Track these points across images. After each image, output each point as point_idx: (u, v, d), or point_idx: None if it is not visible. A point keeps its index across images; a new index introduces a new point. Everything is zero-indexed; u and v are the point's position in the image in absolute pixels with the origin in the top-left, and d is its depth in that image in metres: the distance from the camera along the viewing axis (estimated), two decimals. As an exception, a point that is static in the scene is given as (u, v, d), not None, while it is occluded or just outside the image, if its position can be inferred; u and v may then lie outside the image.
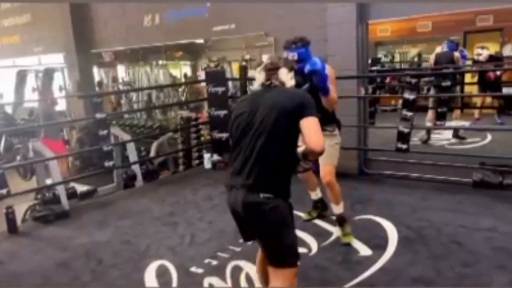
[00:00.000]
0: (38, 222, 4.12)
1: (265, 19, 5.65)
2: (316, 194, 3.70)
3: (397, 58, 11.33)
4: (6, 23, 9.66)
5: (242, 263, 2.98)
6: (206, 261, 3.07)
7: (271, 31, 5.63)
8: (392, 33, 10.05)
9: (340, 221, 3.23)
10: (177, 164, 7.00)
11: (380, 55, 10.86)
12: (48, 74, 8.99)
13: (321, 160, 3.01)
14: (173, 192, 4.80)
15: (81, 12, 8.03)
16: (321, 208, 3.72)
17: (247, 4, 5.81)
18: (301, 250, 3.10)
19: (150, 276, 2.90)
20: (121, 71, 10.77)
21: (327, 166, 3.11)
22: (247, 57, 9.27)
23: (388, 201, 4.06)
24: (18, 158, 5.78)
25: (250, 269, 2.86)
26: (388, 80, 9.95)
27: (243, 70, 7.35)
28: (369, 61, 6.30)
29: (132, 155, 5.37)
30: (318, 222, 3.64)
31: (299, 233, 3.37)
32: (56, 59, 9.98)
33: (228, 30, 6.17)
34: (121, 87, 10.16)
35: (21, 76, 10.23)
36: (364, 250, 3.06)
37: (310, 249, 3.14)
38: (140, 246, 3.38)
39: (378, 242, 3.15)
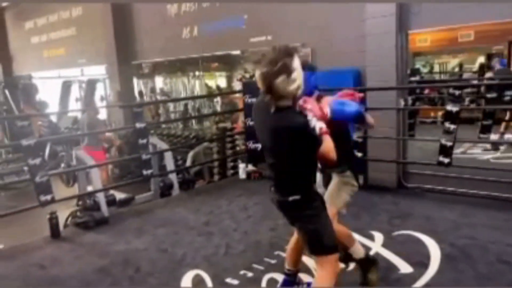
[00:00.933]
0: (79, 228, 4.25)
1: (302, 30, 5.65)
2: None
3: (436, 68, 11.03)
4: (53, 36, 10.15)
5: (278, 276, 2.94)
6: (242, 272, 3.05)
7: (308, 42, 5.62)
8: (432, 43, 9.79)
9: (362, 265, 2.73)
10: (212, 174, 7.08)
11: (418, 65, 10.62)
12: (90, 85, 9.35)
13: (326, 198, 2.56)
14: (209, 202, 4.83)
15: (123, 25, 8.32)
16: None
17: (284, 15, 5.84)
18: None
19: (186, 285, 2.92)
20: (159, 81, 11.08)
21: (330, 208, 2.52)
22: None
23: (429, 217, 3.92)
24: (62, 165, 6.03)
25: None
26: (427, 91, 9.69)
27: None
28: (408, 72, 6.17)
29: (169, 164, 5.46)
30: (355, 235, 3.55)
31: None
32: (98, 71, 10.39)
33: (265, 42, 6.21)
34: (158, 97, 10.44)
35: (66, 87, 10.69)
36: (404, 267, 2.95)
37: (347, 265, 3.06)
38: (176, 255, 3.41)
39: (419, 259, 3.03)
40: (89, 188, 4.94)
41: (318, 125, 1.93)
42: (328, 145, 1.96)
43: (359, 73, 5.04)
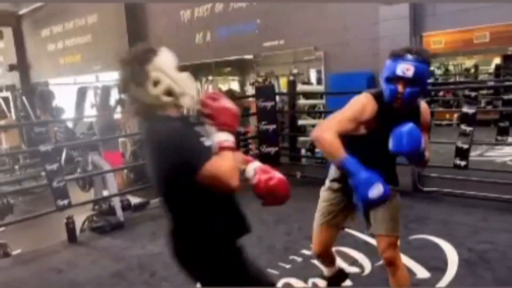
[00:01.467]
0: (95, 233, 4.30)
1: (315, 33, 5.64)
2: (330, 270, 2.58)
3: (451, 70, 10.90)
4: (69, 44, 10.32)
5: (292, 280, 2.93)
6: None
7: (321, 46, 5.61)
8: (446, 45, 9.67)
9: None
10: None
11: (433, 67, 10.51)
12: (105, 91, 9.46)
13: (379, 223, 2.13)
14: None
15: (137, 31, 8.42)
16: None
17: (296, 20, 5.85)
18: (353, 269, 3.01)
19: (201, 290, 2.93)
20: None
21: (388, 237, 2.14)
22: (295, 71, 9.29)
23: (446, 221, 3.86)
24: (78, 170, 6.10)
25: (301, 287, 2.81)
26: (442, 93, 9.58)
27: (292, 84, 7.38)
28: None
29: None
30: (371, 240, 3.51)
31: (351, 252, 3.28)
32: (112, 77, 10.51)
33: (277, 46, 6.21)
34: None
35: (82, 93, 10.84)
36: (421, 272, 2.91)
37: (363, 269, 3.04)
38: (191, 259, 3.42)
39: (436, 264, 2.99)
40: (105, 193, 5.00)
41: (220, 138, 1.37)
42: (221, 164, 1.32)
43: (373, 76, 5.01)
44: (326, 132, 1.83)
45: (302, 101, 7.25)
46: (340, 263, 3.07)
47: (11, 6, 10.99)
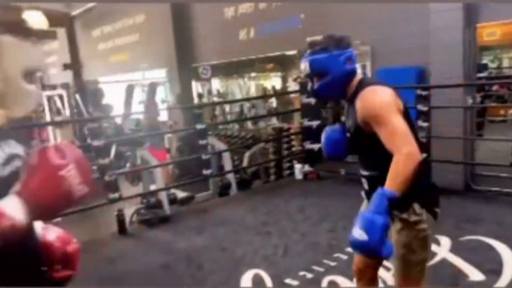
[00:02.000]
0: (143, 225, 4.45)
1: (361, 27, 5.51)
2: None
3: (506, 63, 10.30)
4: (118, 43, 10.72)
5: (338, 278, 2.90)
6: (301, 273, 3.03)
7: (368, 40, 5.47)
8: (501, 37, 9.15)
9: None
10: (268, 174, 7.10)
11: (486, 60, 9.98)
12: (152, 88, 9.75)
13: (399, 263, 1.70)
14: (266, 202, 4.86)
15: (183, 30, 8.60)
16: None
17: (341, 13, 5.73)
18: None
19: (246, 284, 2.96)
20: (216, 84, 11.33)
21: (411, 277, 1.71)
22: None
23: (501, 221, 3.66)
24: (128, 165, 6.35)
25: (347, 285, 2.77)
26: (495, 88, 9.08)
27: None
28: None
29: (228, 164, 5.57)
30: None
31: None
32: (158, 74, 10.81)
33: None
34: (215, 99, 10.68)
35: (130, 90, 11.23)
36: (475, 274, 2.78)
37: None
38: (236, 254, 3.47)
39: (491, 267, 2.85)
40: (152, 187, 5.16)
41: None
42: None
43: (422, 70, 4.83)
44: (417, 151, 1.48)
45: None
46: (389, 263, 3.01)
47: (64, 7, 11.54)
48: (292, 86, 9.42)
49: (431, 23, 4.64)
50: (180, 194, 5.55)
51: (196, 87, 10.01)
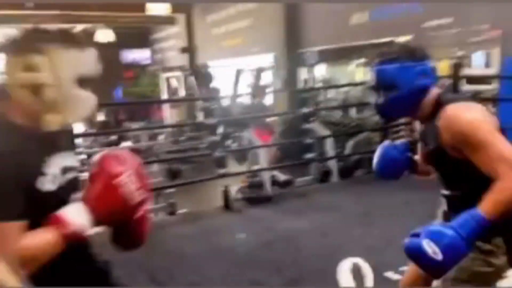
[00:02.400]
0: (246, 202, 4.65)
1: (492, 7, 4.95)
2: None
3: None
4: (231, 28, 11.15)
5: (445, 279, 2.72)
6: (402, 268, 2.91)
7: (499, 23, 4.90)
8: None
9: None
10: (371, 164, 6.87)
11: None
12: (259, 73, 10.01)
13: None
14: (369, 192, 4.72)
15: (293, 14, 8.63)
16: None
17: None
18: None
19: (345, 273, 2.94)
20: (323, 70, 11.18)
21: None
22: (459, 53, 8.34)
23: None
24: (235, 145, 6.67)
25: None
26: None
27: (456, 67, 6.67)
28: None
29: (330, 151, 5.52)
30: None
31: None
32: (267, 59, 11.02)
33: (444, 25, 5.66)
34: (321, 85, 10.56)
35: (238, 74, 11.67)
36: None
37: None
38: (336, 241, 3.46)
39: None
40: (256, 167, 5.35)
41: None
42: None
43: None
44: None
45: (465, 87, 6.52)
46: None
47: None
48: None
49: None
50: (282, 176, 5.67)
51: (303, 72, 10.01)
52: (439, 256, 1.18)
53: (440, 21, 5.72)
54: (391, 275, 2.85)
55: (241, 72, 11.57)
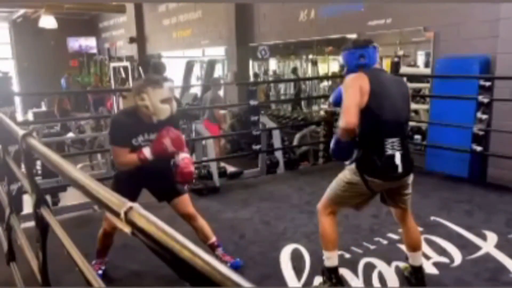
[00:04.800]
0: (194, 194, 4.70)
1: (426, 13, 5.33)
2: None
3: None
4: (182, 19, 11.04)
5: (375, 261, 2.95)
6: (339, 252, 3.10)
7: (431, 26, 5.28)
8: None
9: (324, 275, 2.67)
10: (317, 157, 7.14)
11: None
12: (210, 65, 10.02)
13: None
14: (312, 183, 4.94)
15: (244, 9, 8.72)
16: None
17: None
18: (442, 259, 2.92)
19: (285, 257, 3.09)
20: (273, 64, 11.39)
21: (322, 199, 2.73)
22: (401, 53, 8.82)
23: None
24: (183, 137, 6.67)
25: (384, 268, 2.82)
26: None
27: (395, 66, 7.07)
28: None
29: (277, 143, 5.68)
30: (465, 233, 3.35)
31: (440, 242, 3.18)
32: (217, 52, 11.03)
33: (383, 25, 5.99)
34: (270, 79, 10.76)
35: (189, 66, 11.60)
36: (518, 271, 2.72)
37: (452, 260, 2.93)
38: (278, 228, 3.61)
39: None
40: (204, 159, 5.40)
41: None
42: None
43: (488, 60, 4.61)
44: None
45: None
46: (429, 252, 3.00)
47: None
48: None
49: (501, 11, 4.40)
50: (230, 168, 5.77)
51: (253, 66, 10.15)
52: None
53: (380, 21, 6.04)
54: (327, 258, 3.02)
55: (193, 64, 11.50)
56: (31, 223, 1.73)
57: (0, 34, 14.62)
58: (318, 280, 2.77)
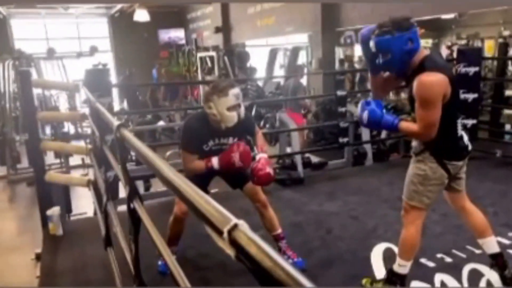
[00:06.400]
0: (278, 184, 4.63)
1: None
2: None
3: None
4: (266, 6, 10.97)
5: (482, 268, 2.62)
6: (439, 255, 2.83)
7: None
8: None
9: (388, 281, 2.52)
10: (408, 149, 6.67)
11: None
12: (294, 52, 9.85)
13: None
14: (403, 177, 4.56)
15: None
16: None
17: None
18: None
19: (376, 257, 2.89)
20: (358, 50, 10.87)
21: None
22: (506, 33, 7.90)
23: None
24: (267, 126, 6.62)
25: (493, 278, 2.50)
26: None
27: (504, 47, 6.31)
28: None
29: (365, 134, 5.38)
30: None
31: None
32: (301, 39, 10.80)
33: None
34: (356, 66, 10.29)
35: (273, 54, 11.53)
36: None
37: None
38: (367, 225, 3.40)
39: None
40: (288, 149, 5.30)
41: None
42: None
43: None
44: None
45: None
46: None
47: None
48: (445, 54, 8.51)
49: None
50: (314, 159, 5.61)
51: (339, 52, 9.78)
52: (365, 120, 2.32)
53: None
54: (425, 261, 2.78)
55: (276, 52, 11.41)
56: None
57: (101, 28, 15.84)
58: (413, 284, 2.53)
